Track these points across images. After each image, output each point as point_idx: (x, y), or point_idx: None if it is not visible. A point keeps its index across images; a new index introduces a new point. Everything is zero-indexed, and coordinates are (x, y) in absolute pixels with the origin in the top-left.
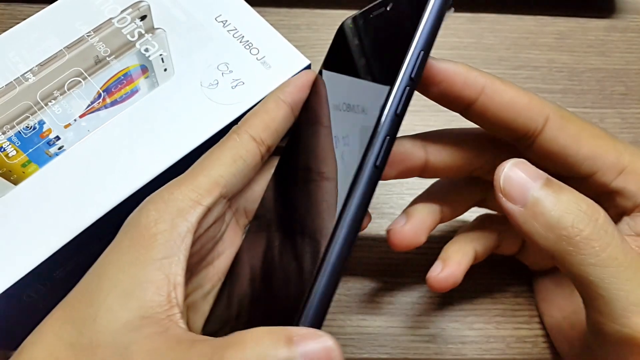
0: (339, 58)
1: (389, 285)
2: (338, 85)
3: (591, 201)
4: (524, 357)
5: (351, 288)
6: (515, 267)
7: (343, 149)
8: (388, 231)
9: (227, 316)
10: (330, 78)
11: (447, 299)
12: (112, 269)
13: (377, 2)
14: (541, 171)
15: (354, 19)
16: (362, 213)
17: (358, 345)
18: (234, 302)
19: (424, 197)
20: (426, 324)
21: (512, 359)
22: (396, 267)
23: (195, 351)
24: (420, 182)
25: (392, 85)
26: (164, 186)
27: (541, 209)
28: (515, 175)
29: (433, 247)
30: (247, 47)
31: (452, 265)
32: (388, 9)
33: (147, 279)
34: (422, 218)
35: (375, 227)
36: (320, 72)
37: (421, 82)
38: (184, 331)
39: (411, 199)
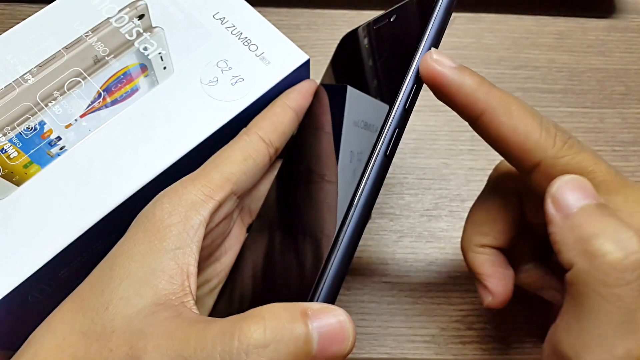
0: (346, 69)
1: (388, 285)
2: (347, 96)
3: (637, 238)
4: (524, 357)
5: (351, 288)
6: None
7: (352, 141)
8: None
9: (233, 308)
10: (340, 90)
11: (447, 300)
12: (125, 259)
13: (379, 16)
14: (599, 196)
15: (357, 31)
16: (374, 195)
17: (358, 345)
18: (240, 296)
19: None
20: (426, 324)
21: (512, 358)
22: (396, 267)
23: (213, 327)
24: (420, 182)
25: (401, 83)
26: (177, 181)
27: (579, 222)
28: (571, 187)
29: (432, 246)
30: (246, 43)
31: (499, 294)
32: (392, 20)
33: (161, 268)
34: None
35: (375, 227)
36: (324, 85)
37: (433, 82)
38: (198, 315)
39: (411, 198)
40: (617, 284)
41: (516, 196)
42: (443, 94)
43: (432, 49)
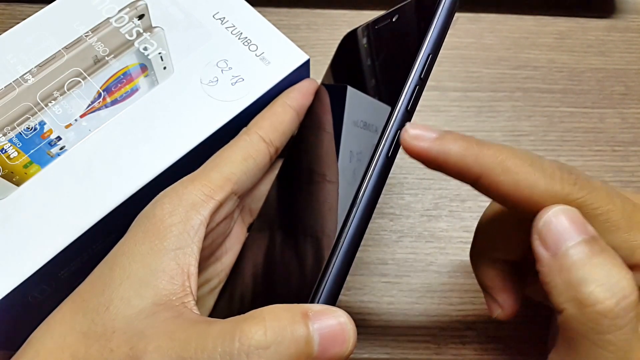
0: (347, 69)
1: (389, 285)
2: (347, 96)
3: (630, 278)
4: (524, 357)
5: (351, 288)
6: None
7: (352, 143)
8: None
9: (234, 308)
10: (339, 90)
11: (447, 300)
12: (126, 259)
13: (381, 15)
14: (591, 228)
15: (358, 31)
16: (376, 197)
17: (358, 345)
18: (240, 295)
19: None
20: (426, 324)
21: (512, 359)
22: (396, 267)
23: (213, 328)
24: (420, 182)
25: (403, 84)
26: (177, 182)
27: (568, 264)
28: (558, 222)
29: (432, 246)
30: (246, 43)
31: (508, 308)
32: (394, 20)
33: (162, 268)
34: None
35: (375, 227)
36: (324, 85)
37: (419, 159)
38: (199, 316)
39: (411, 198)
40: (609, 330)
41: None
42: (433, 167)
43: (407, 124)
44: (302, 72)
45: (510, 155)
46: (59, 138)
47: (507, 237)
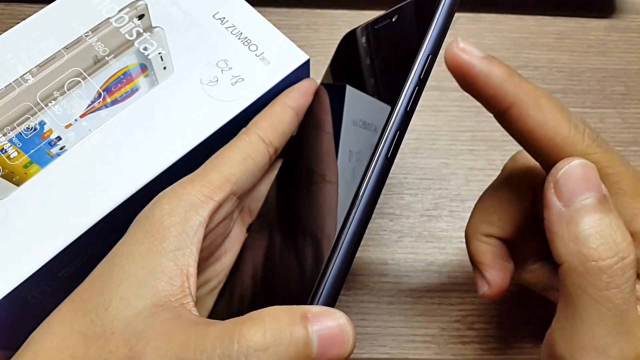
0: (347, 69)
1: (389, 285)
2: (347, 95)
3: (630, 241)
4: (524, 357)
5: (351, 288)
6: None
7: (353, 144)
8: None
9: (233, 309)
10: (339, 89)
11: (447, 300)
12: (125, 260)
13: (381, 15)
14: (603, 186)
15: (358, 31)
16: (375, 198)
17: (358, 345)
18: (240, 296)
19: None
20: (426, 324)
21: (512, 359)
22: (396, 267)
23: (212, 330)
24: (420, 182)
25: (402, 84)
26: (176, 182)
27: (578, 219)
28: (576, 175)
29: (432, 246)
30: (246, 43)
31: (495, 286)
32: (394, 20)
33: (161, 269)
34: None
35: (375, 227)
36: (323, 84)
37: (460, 72)
38: (198, 317)
39: (411, 198)
40: (607, 287)
41: (530, 189)
42: (470, 84)
43: (459, 38)
44: (302, 72)
45: (545, 95)
46: (59, 138)
47: (502, 214)
